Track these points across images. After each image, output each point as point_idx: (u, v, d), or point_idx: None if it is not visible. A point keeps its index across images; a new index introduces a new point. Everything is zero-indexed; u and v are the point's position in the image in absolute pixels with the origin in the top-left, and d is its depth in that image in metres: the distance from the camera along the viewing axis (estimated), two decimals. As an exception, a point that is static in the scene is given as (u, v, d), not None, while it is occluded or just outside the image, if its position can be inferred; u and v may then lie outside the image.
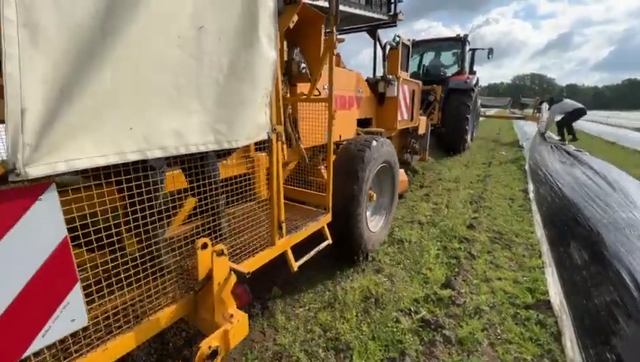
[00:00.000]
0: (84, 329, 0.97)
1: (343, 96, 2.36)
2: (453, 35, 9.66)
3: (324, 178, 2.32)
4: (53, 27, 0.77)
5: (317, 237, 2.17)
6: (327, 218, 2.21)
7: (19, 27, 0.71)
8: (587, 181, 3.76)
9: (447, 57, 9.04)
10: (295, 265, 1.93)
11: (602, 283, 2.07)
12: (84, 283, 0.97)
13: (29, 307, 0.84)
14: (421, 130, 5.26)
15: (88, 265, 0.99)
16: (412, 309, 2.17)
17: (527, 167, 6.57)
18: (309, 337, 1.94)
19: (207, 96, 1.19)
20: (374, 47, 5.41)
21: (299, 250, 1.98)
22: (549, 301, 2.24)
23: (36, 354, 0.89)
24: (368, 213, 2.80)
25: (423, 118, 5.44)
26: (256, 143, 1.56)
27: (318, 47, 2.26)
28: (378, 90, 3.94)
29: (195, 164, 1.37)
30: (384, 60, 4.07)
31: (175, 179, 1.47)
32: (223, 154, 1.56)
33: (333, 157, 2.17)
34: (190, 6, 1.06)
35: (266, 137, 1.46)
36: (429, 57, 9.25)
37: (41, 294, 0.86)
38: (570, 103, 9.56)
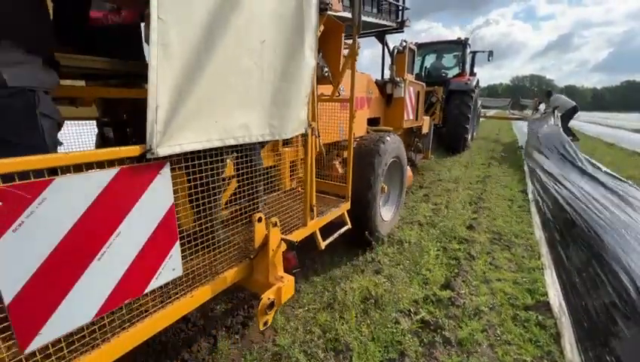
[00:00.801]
0: (179, 278, 1.24)
1: (356, 97, 2.56)
2: (452, 35, 10.00)
3: (339, 172, 2.57)
4: (177, 47, 1.06)
5: (336, 225, 2.40)
6: (347, 205, 2.47)
7: (158, 46, 1.00)
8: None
9: (448, 59, 9.25)
10: (322, 244, 2.20)
11: (601, 285, 2.07)
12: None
13: (150, 255, 1.10)
14: (424, 130, 5.50)
15: (184, 228, 1.26)
16: (412, 310, 2.17)
17: (525, 168, 6.58)
18: (308, 338, 1.93)
19: (265, 96, 1.47)
20: (382, 51, 5.70)
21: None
22: (548, 302, 2.24)
23: (146, 294, 1.14)
24: (381, 203, 3.02)
25: (427, 118, 5.66)
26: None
27: (339, 53, 2.59)
28: (386, 91, 4.17)
29: (247, 153, 1.61)
30: (392, 64, 4.32)
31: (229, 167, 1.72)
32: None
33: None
34: (257, 24, 1.36)
35: (304, 131, 1.74)
36: (430, 59, 9.45)
37: (157, 245, 1.12)
38: (565, 100, 9.77)
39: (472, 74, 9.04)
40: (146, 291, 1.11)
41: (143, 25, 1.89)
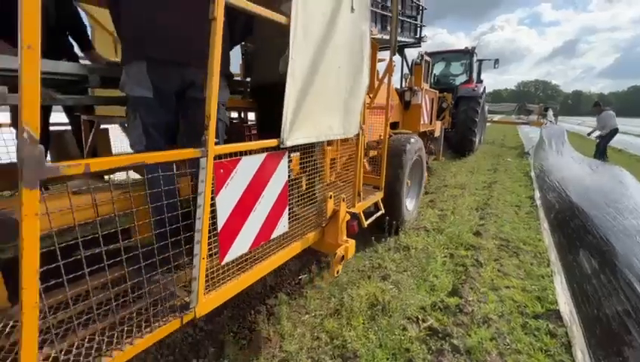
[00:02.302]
0: (286, 233, 1.75)
1: (383, 104, 2.90)
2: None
3: (366, 168, 2.94)
4: (297, 76, 1.55)
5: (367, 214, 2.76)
6: (381, 194, 2.92)
7: (289, 76, 1.49)
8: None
9: (456, 67, 9.80)
10: (365, 223, 2.61)
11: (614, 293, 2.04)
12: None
13: (273, 213, 1.61)
14: (436, 133, 6.00)
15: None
16: (419, 317, 2.15)
17: (532, 174, 6.53)
18: (315, 344, 1.93)
19: (341, 107, 1.98)
20: (402, 63, 6.65)
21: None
22: (558, 310, 2.21)
23: (270, 240, 1.64)
24: (405, 195, 3.49)
25: (438, 122, 6.11)
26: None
27: (374, 67, 3.06)
28: (404, 98, 4.72)
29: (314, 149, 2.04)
30: (410, 74, 5.00)
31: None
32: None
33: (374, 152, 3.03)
34: (337, 55, 1.85)
35: (358, 132, 2.24)
36: (439, 67, 9.92)
37: (277, 207, 1.62)
38: (611, 120, 8.19)
39: (479, 81, 9.48)
40: (271, 238, 1.63)
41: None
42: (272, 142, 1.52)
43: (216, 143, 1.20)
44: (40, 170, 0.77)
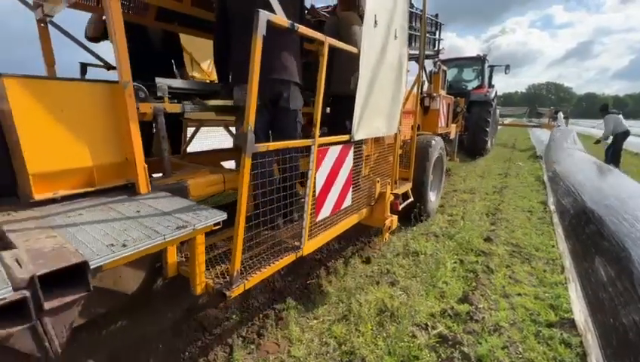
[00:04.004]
0: (348, 206, 2.37)
1: (409, 109, 3.42)
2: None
3: (391, 163, 3.33)
4: (362, 87, 2.09)
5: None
6: (410, 185, 3.46)
7: (358, 90, 2.07)
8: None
9: (468, 73, 10.34)
10: (400, 206, 3.07)
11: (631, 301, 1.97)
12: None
13: (343, 190, 2.22)
14: (452, 135, 6.45)
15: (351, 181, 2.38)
16: (429, 324, 2.12)
17: (545, 178, 6.40)
18: (323, 350, 1.92)
19: (386, 110, 2.53)
20: (419, 72, 7.19)
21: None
22: (573, 319, 2.15)
23: (340, 210, 2.27)
24: (429, 187, 3.99)
25: (453, 125, 6.53)
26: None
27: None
28: (424, 103, 5.13)
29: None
30: (429, 83, 5.55)
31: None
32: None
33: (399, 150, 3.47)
34: (387, 70, 2.40)
35: (396, 131, 2.82)
36: (452, 73, 10.30)
37: (345, 186, 2.24)
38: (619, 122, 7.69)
39: (491, 86, 9.97)
40: (341, 208, 2.26)
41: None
42: (345, 137, 2.12)
43: (294, 139, 1.92)
44: (252, 147, 1.45)
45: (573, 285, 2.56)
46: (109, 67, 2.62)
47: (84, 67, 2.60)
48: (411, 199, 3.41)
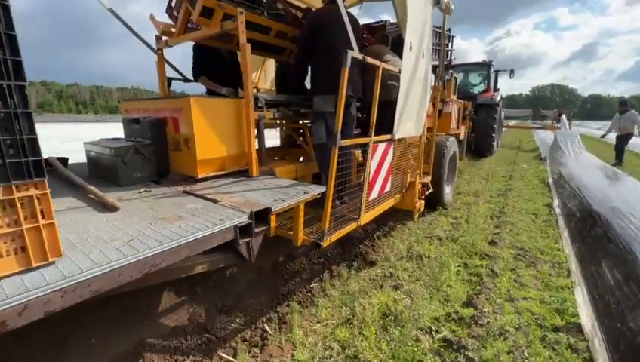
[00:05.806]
0: (388, 191, 3.04)
1: (429, 113, 3.78)
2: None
3: (411, 161, 3.77)
4: (402, 96, 2.70)
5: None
6: (429, 178, 4.03)
7: (400, 99, 2.70)
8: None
9: (474, 78, 10.88)
10: (426, 193, 3.80)
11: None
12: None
13: (385, 178, 2.90)
14: (461, 136, 6.92)
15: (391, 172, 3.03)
16: (433, 328, 2.11)
17: (550, 181, 6.35)
18: (327, 354, 1.92)
19: (415, 114, 3.07)
20: (437, 82, 7.91)
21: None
22: (579, 323, 2.12)
23: (382, 194, 2.97)
24: (445, 181, 4.55)
25: (462, 127, 7.05)
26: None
27: None
28: (437, 108, 5.55)
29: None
30: (444, 89, 5.90)
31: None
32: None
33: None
34: (417, 81, 2.94)
35: (421, 133, 3.49)
36: (459, 78, 10.61)
37: (386, 175, 2.91)
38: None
39: (496, 89, 10.52)
40: (384, 192, 2.91)
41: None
42: (388, 136, 2.73)
43: (349, 137, 2.67)
44: (339, 142, 2.07)
45: (579, 289, 2.54)
46: (185, 80, 3.25)
47: (169, 80, 3.19)
48: (431, 190, 4.05)
